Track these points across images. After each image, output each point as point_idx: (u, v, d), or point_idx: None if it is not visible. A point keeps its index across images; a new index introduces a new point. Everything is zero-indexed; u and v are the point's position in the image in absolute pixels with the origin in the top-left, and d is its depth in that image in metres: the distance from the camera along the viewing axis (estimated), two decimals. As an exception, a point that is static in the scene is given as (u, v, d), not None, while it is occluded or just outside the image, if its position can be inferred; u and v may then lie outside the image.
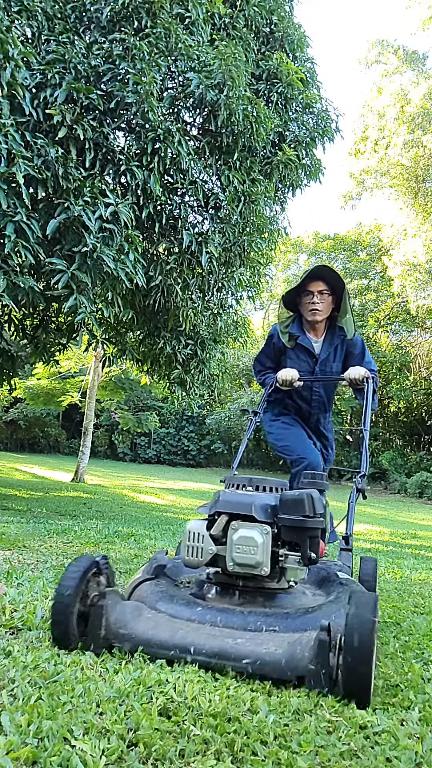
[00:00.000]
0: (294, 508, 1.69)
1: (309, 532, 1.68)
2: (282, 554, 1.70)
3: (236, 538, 1.70)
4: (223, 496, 1.79)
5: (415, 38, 57.24)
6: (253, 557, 1.67)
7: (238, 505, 1.75)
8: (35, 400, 15.62)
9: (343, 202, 22.36)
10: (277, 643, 1.45)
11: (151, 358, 7.05)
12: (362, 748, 1.17)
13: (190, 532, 1.77)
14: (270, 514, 1.72)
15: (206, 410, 26.85)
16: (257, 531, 1.69)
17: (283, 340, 3.02)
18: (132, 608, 1.63)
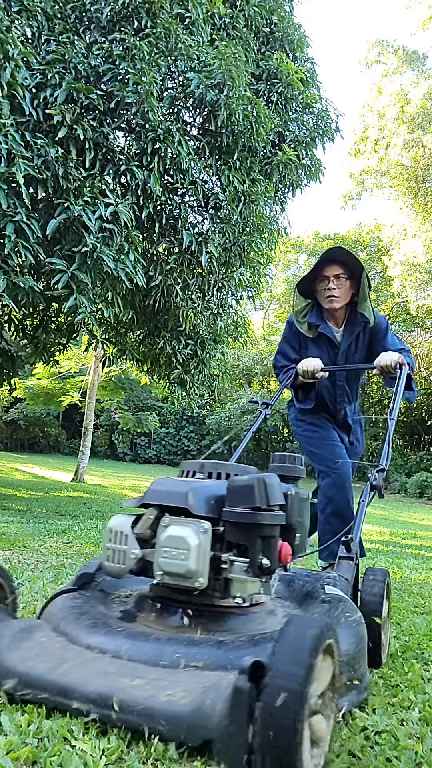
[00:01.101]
0: (240, 498, 1.28)
1: (259, 531, 1.27)
2: (226, 560, 1.28)
3: (163, 539, 1.29)
4: (154, 484, 1.40)
5: (415, 38, 57.27)
6: (183, 564, 1.25)
7: (169, 495, 1.34)
8: (35, 400, 15.61)
9: (343, 202, 22.36)
10: (187, 687, 1.04)
11: (151, 358, 7.05)
12: (362, 748, 1.17)
13: (112, 531, 1.36)
14: (213, 507, 1.31)
15: (206, 410, 26.85)
16: (191, 529, 1.27)
17: (302, 330, 2.78)
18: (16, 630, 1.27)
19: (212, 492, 1.35)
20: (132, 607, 1.42)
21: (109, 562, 1.37)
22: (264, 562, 1.27)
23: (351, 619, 1.43)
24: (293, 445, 24.59)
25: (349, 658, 1.30)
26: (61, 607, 1.39)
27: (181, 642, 1.20)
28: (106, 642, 1.22)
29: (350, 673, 1.30)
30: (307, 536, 1.55)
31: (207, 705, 0.99)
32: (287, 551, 1.34)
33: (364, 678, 1.37)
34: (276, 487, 1.33)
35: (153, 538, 1.34)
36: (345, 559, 1.83)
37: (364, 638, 1.43)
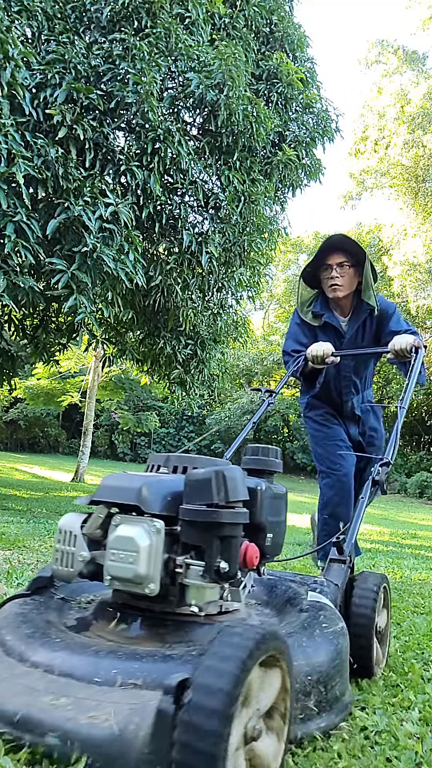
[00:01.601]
0: (197, 494, 1.15)
1: (217, 530, 1.13)
2: (181, 563, 1.16)
3: (112, 539, 1.17)
4: (105, 479, 1.27)
5: (415, 38, 57.24)
6: (131, 568, 1.12)
7: (121, 491, 1.22)
8: (35, 400, 15.61)
9: (343, 202, 22.37)
10: (115, 708, 0.91)
11: (151, 358, 7.05)
12: (362, 748, 1.17)
13: (62, 531, 1.25)
14: (170, 504, 1.18)
15: (206, 410, 26.86)
16: (142, 528, 1.14)
17: (306, 319, 2.69)
18: None
19: (169, 487, 1.21)
20: (89, 615, 1.29)
21: (57, 565, 1.24)
22: (222, 566, 1.13)
23: (328, 630, 1.29)
24: (293, 445, 24.62)
25: (320, 675, 1.17)
26: (6, 614, 1.27)
27: (121, 655, 1.06)
28: (41, 654, 1.08)
29: (321, 693, 1.16)
30: (282, 537, 1.41)
31: (130, 731, 0.87)
32: (253, 554, 1.21)
33: (342, 698, 1.24)
34: (238, 480, 1.18)
35: (105, 538, 1.21)
36: (336, 562, 1.66)
37: (343, 652, 1.28)
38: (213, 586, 1.16)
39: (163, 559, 1.15)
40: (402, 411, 2.12)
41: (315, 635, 1.25)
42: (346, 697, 1.27)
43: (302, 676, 1.13)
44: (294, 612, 1.39)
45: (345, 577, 1.61)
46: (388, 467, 1.88)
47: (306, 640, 1.21)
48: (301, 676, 1.13)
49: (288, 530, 6.78)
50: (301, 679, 1.13)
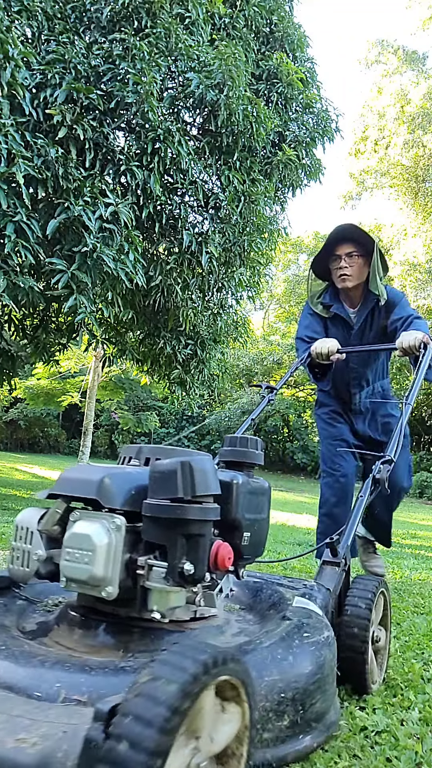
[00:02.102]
0: (160, 488, 1.04)
1: (181, 528, 1.02)
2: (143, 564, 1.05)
3: (67, 537, 1.06)
4: (65, 472, 1.17)
5: (415, 38, 57.23)
6: (86, 568, 1.01)
7: (78, 484, 1.11)
8: (35, 400, 15.61)
9: (343, 202, 22.37)
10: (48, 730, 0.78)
11: (151, 358, 7.05)
12: (362, 748, 1.17)
13: (18, 527, 1.15)
14: (133, 499, 1.07)
15: (206, 410, 26.86)
16: (99, 525, 1.03)
17: (317, 311, 2.66)
18: None
19: (134, 480, 1.10)
20: (51, 619, 1.19)
21: (13, 564, 1.14)
22: (186, 567, 1.02)
23: (310, 641, 1.15)
24: (293, 445, 24.62)
25: (297, 692, 1.04)
26: None
27: (70, 666, 0.95)
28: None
29: (298, 712, 1.04)
30: (263, 536, 1.30)
31: (56, 759, 0.74)
32: (226, 554, 1.10)
33: (324, 716, 1.12)
34: (208, 473, 1.07)
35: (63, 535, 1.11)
36: (329, 564, 1.54)
37: (326, 666, 1.15)
38: (177, 590, 1.04)
39: (124, 560, 1.05)
40: (408, 407, 2.06)
41: (293, 647, 1.11)
42: (331, 715, 1.14)
43: (275, 693, 1.00)
44: (276, 619, 1.25)
45: (339, 582, 1.49)
46: (390, 465, 1.78)
47: (282, 652, 1.08)
48: (274, 693, 1.00)
49: (288, 530, 6.79)
50: (274, 697, 1.00)
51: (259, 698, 0.96)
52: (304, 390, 26.25)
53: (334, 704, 1.19)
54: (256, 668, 0.99)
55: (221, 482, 1.16)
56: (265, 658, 1.04)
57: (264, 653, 1.05)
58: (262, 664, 1.02)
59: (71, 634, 1.11)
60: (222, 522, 1.15)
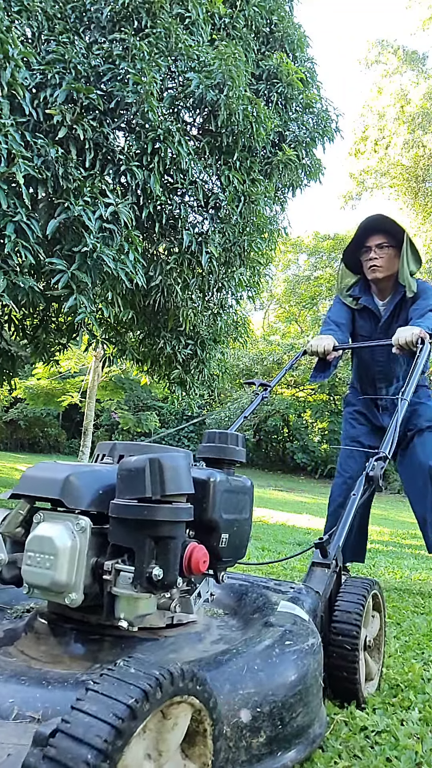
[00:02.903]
0: (128, 487, 0.96)
1: (150, 529, 0.94)
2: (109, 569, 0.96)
3: (29, 540, 0.99)
4: (29, 470, 1.11)
5: (415, 38, 57.21)
6: (48, 573, 0.94)
7: (43, 483, 1.03)
8: (35, 400, 15.62)
9: (343, 202, 22.36)
10: None
11: (151, 358, 7.05)
12: (362, 748, 1.17)
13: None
14: (101, 499, 1.00)
15: (206, 410, 26.86)
16: (62, 527, 0.97)
17: (346, 303, 2.62)
18: None
19: (102, 479, 1.03)
20: (20, 627, 1.12)
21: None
22: (155, 572, 0.93)
23: (292, 649, 1.07)
24: (293, 445, 24.61)
25: (275, 706, 0.96)
26: None
27: (27, 680, 0.86)
28: None
29: (276, 727, 0.95)
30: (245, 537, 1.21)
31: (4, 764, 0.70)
32: (200, 557, 1.02)
33: (307, 730, 1.03)
34: (180, 471, 0.98)
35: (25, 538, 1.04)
36: (318, 566, 1.45)
37: (309, 675, 1.06)
38: (146, 597, 0.96)
39: (90, 564, 0.97)
40: (403, 403, 1.97)
41: (272, 656, 1.02)
42: (315, 728, 1.06)
43: (250, 708, 0.92)
44: (257, 626, 1.17)
45: (329, 584, 1.41)
46: (384, 462, 1.70)
47: (260, 662, 0.99)
48: (249, 708, 0.92)
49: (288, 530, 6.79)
50: (249, 712, 0.91)
51: (231, 713, 0.89)
52: (304, 390, 26.26)
53: (319, 716, 1.10)
54: (230, 681, 0.92)
55: (197, 480, 1.08)
56: (240, 669, 0.96)
57: (239, 663, 0.97)
58: (236, 676, 0.94)
59: (38, 643, 1.04)
60: (198, 523, 1.08)
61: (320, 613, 1.34)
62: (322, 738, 1.10)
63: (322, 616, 1.35)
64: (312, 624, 1.22)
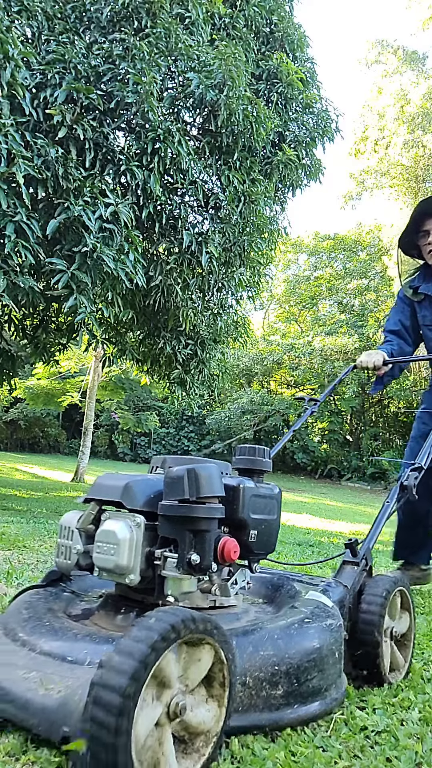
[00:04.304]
0: (172, 491, 1.23)
1: (189, 524, 1.19)
2: (159, 556, 1.22)
3: (98, 533, 1.27)
4: (98, 479, 1.39)
5: (415, 38, 57.17)
6: (112, 559, 1.21)
7: (107, 489, 1.32)
8: (35, 400, 15.60)
9: (343, 202, 22.38)
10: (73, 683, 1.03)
11: (151, 358, 7.05)
12: (362, 748, 1.17)
13: (61, 527, 1.37)
14: (151, 501, 1.27)
15: (206, 410, 26.85)
16: (122, 523, 1.23)
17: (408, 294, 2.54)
18: None
19: (152, 486, 1.29)
20: (93, 606, 1.41)
21: (58, 558, 1.37)
22: (193, 558, 1.19)
23: (311, 626, 1.30)
24: (293, 445, 24.60)
25: (290, 667, 1.20)
26: (17, 602, 1.41)
27: (97, 639, 1.19)
28: (30, 636, 1.22)
29: (292, 684, 1.20)
30: (272, 535, 1.42)
31: (74, 701, 0.98)
32: (231, 548, 1.27)
33: (323, 692, 1.26)
34: (211, 478, 1.23)
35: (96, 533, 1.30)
36: (348, 564, 1.65)
37: (324, 647, 1.28)
38: (188, 578, 1.21)
39: (144, 552, 1.23)
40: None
41: (292, 629, 1.27)
42: (332, 693, 1.28)
43: (269, 666, 1.17)
44: (285, 609, 1.42)
45: (357, 579, 1.59)
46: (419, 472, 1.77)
47: (280, 633, 1.24)
48: (268, 666, 1.17)
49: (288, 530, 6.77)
50: (268, 669, 1.17)
51: (254, 669, 1.15)
52: (304, 390, 26.26)
53: (336, 684, 1.31)
54: (253, 645, 1.18)
55: (229, 486, 1.34)
56: (262, 637, 1.21)
57: (263, 634, 1.22)
58: (259, 641, 1.19)
59: (106, 617, 1.33)
60: (230, 521, 1.33)
61: (348, 604, 1.52)
62: (338, 702, 1.30)
63: (350, 607, 1.53)
64: (335, 610, 1.43)
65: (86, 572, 1.35)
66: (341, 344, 22.13)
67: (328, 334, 23.29)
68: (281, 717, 1.17)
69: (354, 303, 24.70)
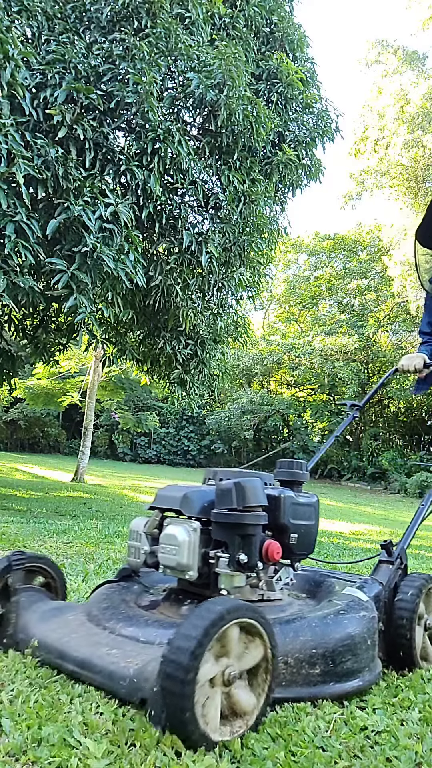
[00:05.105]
0: (222, 500, 1.44)
1: (237, 529, 1.41)
2: (213, 556, 1.45)
3: (162, 536, 1.51)
4: (160, 490, 1.64)
5: (415, 38, 57.09)
6: (175, 558, 1.46)
7: (168, 499, 1.57)
8: (35, 400, 15.59)
9: (343, 202, 22.36)
10: (146, 657, 1.27)
11: (151, 358, 7.05)
12: (362, 748, 1.17)
13: (131, 531, 1.64)
14: (205, 509, 1.48)
15: (206, 410, 26.84)
16: (182, 528, 1.47)
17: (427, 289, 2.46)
18: (49, 609, 1.59)
19: (205, 496, 1.51)
20: (159, 598, 1.66)
21: (129, 557, 1.65)
22: (241, 557, 1.39)
23: (346, 616, 1.50)
24: (293, 445, 24.60)
25: (326, 650, 1.40)
26: (97, 594, 1.69)
27: (164, 624, 1.43)
28: (109, 621, 1.49)
29: (328, 665, 1.40)
30: (311, 537, 1.60)
31: (148, 671, 1.20)
32: (275, 550, 1.46)
33: (356, 673, 1.44)
34: (255, 490, 1.43)
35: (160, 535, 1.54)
36: (384, 563, 1.82)
37: (357, 635, 1.47)
38: (238, 574, 1.43)
39: (201, 552, 1.45)
40: None
41: (328, 619, 1.47)
42: (365, 675, 1.48)
43: (308, 649, 1.38)
44: (325, 602, 1.64)
45: (392, 577, 1.76)
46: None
47: (318, 622, 1.45)
48: (307, 649, 1.38)
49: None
50: (307, 651, 1.38)
51: (294, 651, 1.37)
52: (304, 390, 26.26)
53: (370, 667, 1.50)
54: (293, 631, 1.40)
55: (272, 496, 1.56)
56: (302, 625, 1.43)
57: (303, 622, 1.44)
58: (299, 628, 1.41)
59: (171, 607, 1.57)
60: (273, 525, 1.53)
61: (383, 599, 1.70)
62: (371, 683, 1.49)
63: (385, 601, 1.70)
64: (370, 604, 1.62)
65: (152, 569, 1.60)
66: (341, 344, 22.12)
67: (328, 334, 23.28)
68: (319, 691, 1.38)
69: (354, 303, 24.69)
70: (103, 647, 1.36)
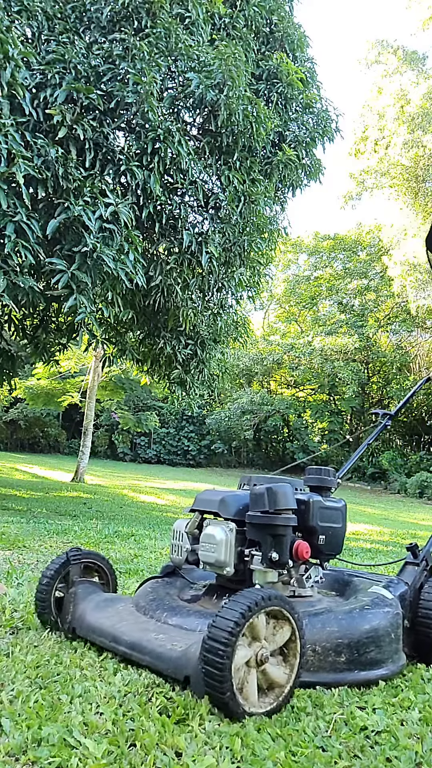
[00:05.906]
0: (256, 504, 1.61)
1: (269, 530, 1.58)
2: (248, 554, 1.62)
3: (202, 536, 1.70)
4: (199, 494, 1.82)
5: (415, 38, 57.04)
6: (213, 555, 1.64)
7: (207, 503, 1.76)
8: (35, 400, 15.59)
9: (343, 202, 22.35)
10: (189, 642, 1.44)
11: (151, 358, 7.04)
12: (362, 748, 1.17)
13: (174, 531, 1.83)
14: (240, 512, 1.66)
15: (206, 410, 26.83)
16: (220, 528, 1.65)
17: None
18: (102, 600, 1.77)
19: (240, 500, 1.68)
20: (200, 593, 1.83)
21: (172, 554, 1.83)
22: (273, 556, 1.55)
23: (370, 611, 1.62)
24: (293, 445, 24.61)
25: (351, 641, 1.53)
26: (143, 587, 1.88)
27: (204, 615, 1.60)
28: (155, 611, 1.67)
29: (353, 654, 1.53)
30: (339, 539, 1.75)
31: (191, 652, 1.37)
32: (304, 549, 1.61)
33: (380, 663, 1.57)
34: (286, 495, 1.58)
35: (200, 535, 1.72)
36: (410, 564, 1.94)
37: (380, 629, 1.59)
38: (271, 571, 1.59)
39: (237, 551, 1.63)
40: None
41: (354, 613, 1.60)
42: (389, 665, 1.59)
43: (334, 638, 1.52)
44: (352, 599, 1.78)
45: (417, 578, 1.88)
46: None
47: (344, 615, 1.58)
48: (333, 639, 1.51)
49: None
50: (333, 640, 1.51)
51: (321, 640, 1.51)
52: (304, 390, 26.25)
53: (394, 659, 1.62)
54: (321, 622, 1.53)
55: (301, 500, 1.71)
56: (329, 617, 1.56)
57: (330, 615, 1.57)
58: (326, 620, 1.54)
59: (210, 600, 1.76)
60: (303, 527, 1.68)
61: (408, 598, 1.82)
62: (394, 673, 1.60)
63: (411, 600, 1.82)
64: (395, 602, 1.74)
65: (193, 566, 1.79)
66: (341, 344, 22.11)
67: (328, 334, 23.27)
68: (344, 678, 1.50)
69: (354, 303, 24.68)
70: (151, 633, 1.54)
